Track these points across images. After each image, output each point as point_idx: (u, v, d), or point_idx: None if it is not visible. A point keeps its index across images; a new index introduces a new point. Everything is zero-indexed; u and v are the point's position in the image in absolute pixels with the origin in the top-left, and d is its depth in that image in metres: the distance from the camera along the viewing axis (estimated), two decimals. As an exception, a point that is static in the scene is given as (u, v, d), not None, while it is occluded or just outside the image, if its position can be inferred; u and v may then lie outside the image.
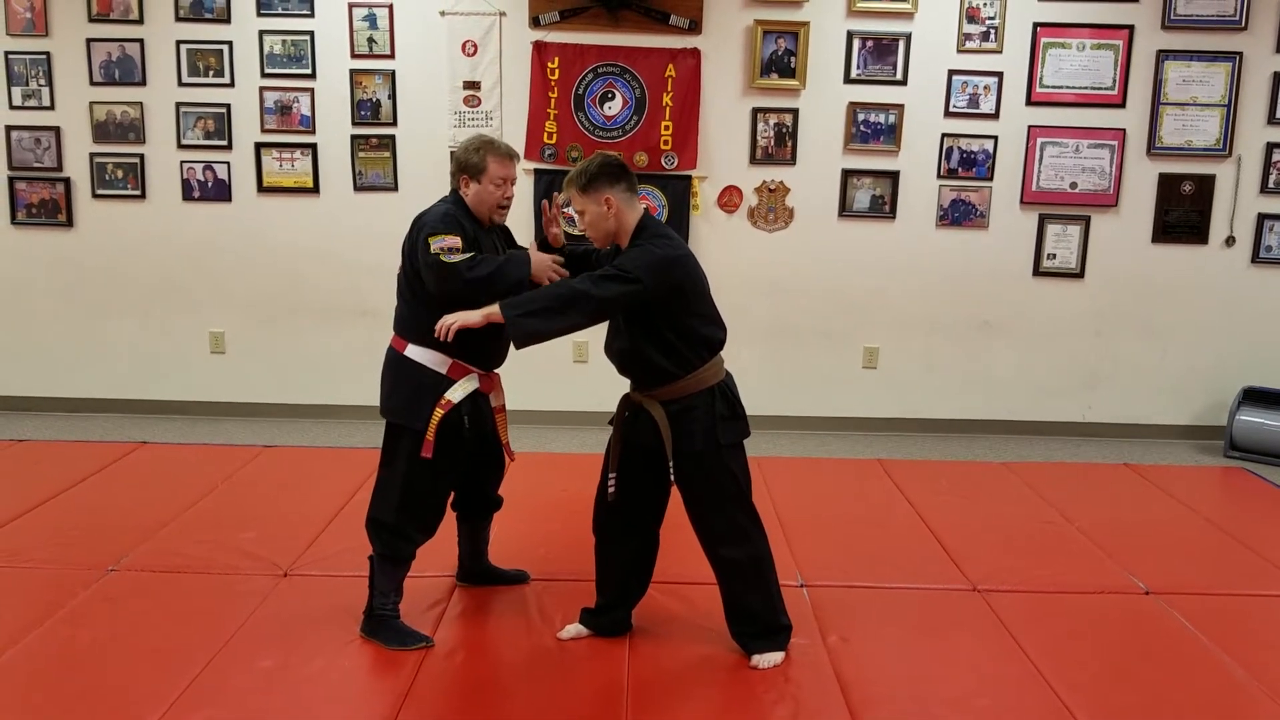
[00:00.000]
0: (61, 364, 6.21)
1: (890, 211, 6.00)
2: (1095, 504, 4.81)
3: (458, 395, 3.21)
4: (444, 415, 3.18)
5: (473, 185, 3.25)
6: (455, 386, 3.22)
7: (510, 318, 2.96)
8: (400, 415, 3.24)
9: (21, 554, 3.91)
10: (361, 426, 5.97)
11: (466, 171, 3.25)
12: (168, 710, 2.87)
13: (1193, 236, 5.99)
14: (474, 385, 3.26)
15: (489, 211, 3.28)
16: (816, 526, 4.40)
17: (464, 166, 3.25)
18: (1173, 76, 5.82)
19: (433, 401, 3.18)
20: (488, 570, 3.76)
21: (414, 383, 3.22)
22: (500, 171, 3.24)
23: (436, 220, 3.16)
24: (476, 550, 3.72)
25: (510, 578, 3.77)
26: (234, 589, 3.66)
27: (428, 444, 3.16)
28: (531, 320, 2.96)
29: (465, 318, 3.00)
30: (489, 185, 3.24)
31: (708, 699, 3.05)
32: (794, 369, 6.18)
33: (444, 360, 3.21)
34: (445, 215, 3.19)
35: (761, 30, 5.77)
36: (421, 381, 3.21)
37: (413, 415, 3.20)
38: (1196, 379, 6.16)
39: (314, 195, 5.99)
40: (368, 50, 5.83)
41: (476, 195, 3.25)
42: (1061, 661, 3.28)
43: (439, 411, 3.17)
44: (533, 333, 2.98)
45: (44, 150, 5.95)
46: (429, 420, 3.16)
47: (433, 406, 3.17)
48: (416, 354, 3.22)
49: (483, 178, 3.23)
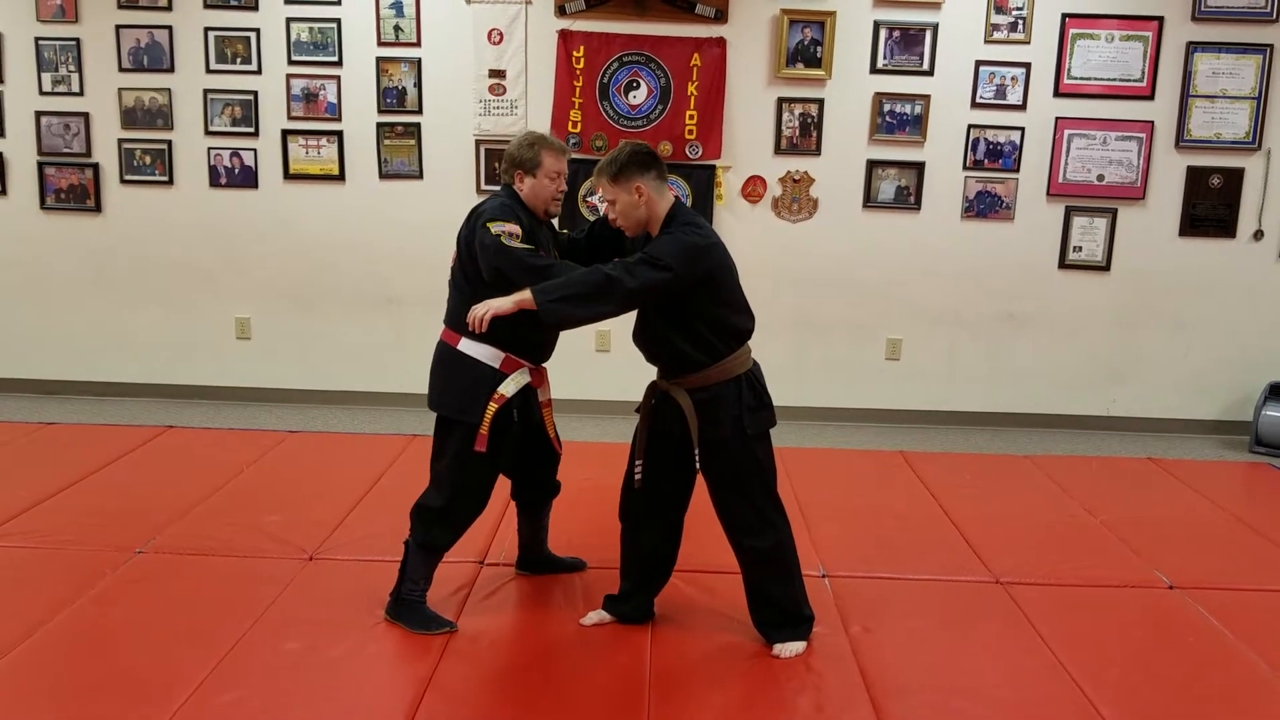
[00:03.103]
0: (89, 348, 6.27)
1: (915, 203, 5.98)
2: (1119, 498, 4.79)
3: (510, 389, 3.23)
4: (496, 409, 3.20)
5: (527, 180, 3.28)
6: (508, 380, 3.23)
7: (542, 303, 2.96)
8: (454, 410, 3.25)
9: (51, 536, 3.95)
10: (385, 413, 6.01)
11: (521, 167, 3.29)
12: (195, 691, 2.90)
13: (1220, 230, 5.95)
14: (526, 379, 3.28)
15: (544, 205, 3.32)
16: (839, 517, 4.41)
17: (518, 162, 3.29)
18: (1202, 69, 5.77)
19: (487, 396, 3.20)
20: (547, 558, 3.78)
21: (468, 377, 3.23)
22: (554, 166, 3.29)
23: (495, 209, 3.21)
24: (536, 539, 3.74)
25: (568, 565, 3.79)
26: (260, 572, 3.69)
27: (481, 438, 3.18)
28: (563, 306, 2.97)
29: (497, 305, 3.00)
30: (544, 179, 3.28)
31: (729, 687, 3.05)
32: (817, 360, 6.17)
33: (497, 355, 3.23)
34: (504, 206, 3.24)
35: (788, 20, 5.76)
36: (476, 376, 3.22)
37: (467, 409, 3.21)
38: (1222, 374, 6.12)
39: (340, 182, 6.02)
40: (394, 38, 5.85)
41: (532, 189, 3.29)
42: (1084, 655, 3.27)
43: (493, 406, 3.19)
44: (565, 318, 2.99)
45: (73, 136, 6.00)
46: (483, 414, 3.18)
47: (486, 401, 3.19)
48: (470, 348, 3.23)
49: (538, 172, 3.27)
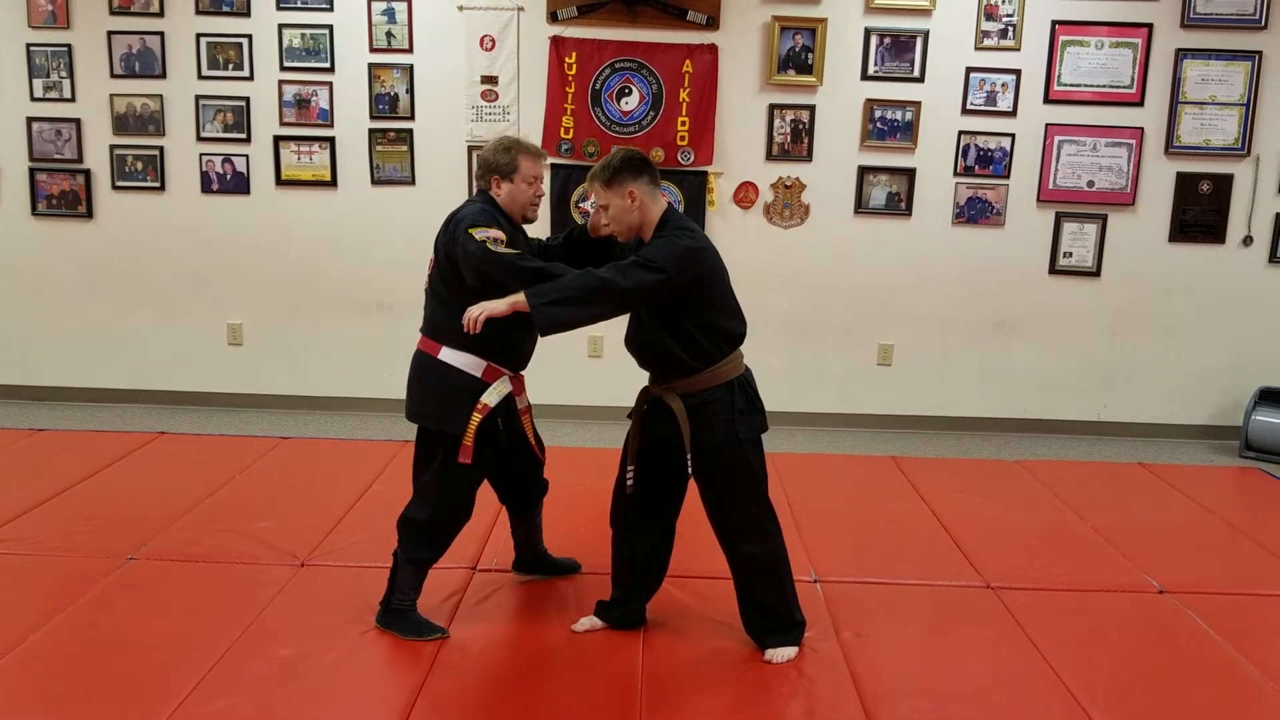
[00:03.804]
0: (81, 354, 6.26)
1: (906, 209, 6.00)
2: (1110, 503, 4.81)
3: (493, 399, 3.20)
4: (481, 420, 3.17)
5: (505, 185, 3.26)
6: (490, 390, 3.20)
7: (536, 305, 2.95)
8: (436, 421, 3.21)
9: (42, 542, 3.94)
10: (377, 419, 6.00)
11: (497, 172, 3.25)
12: (186, 698, 2.90)
13: (1210, 236, 5.97)
14: (508, 388, 3.26)
15: (521, 210, 3.30)
16: (831, 523, 4.41)
17: (494, 167, 3.26)
18: (1191, 75, 5.80)
19: (470, 406, 3.17)
20: (542, 558, 3.77)
21: (449, 387, 3.19)
22: (532, 170, 3.27)
23: (476, 215, 3.16)
24: (530, 540, 3.73)
25: (564, 567, 3.78)
26: (252, 578, 3.69)
27: (466, 449, 3.15)
28: (557, 309, 2.96)
29: (491, 307, 2.98)
30: (521, 184, 3.26)
31: (721, 693, 3.05)
32: (808, 365, 6.18)
33: (479, 363, 3.19)
34: (483, 211, 3.20)
35: (779, 26, 5.77)
36: (458, 386, 3.18)
37: (449, 420, 3.17)
38: (1212, 379, 6.14)
39: (332, 188, 6.02)
40: (386, 44, 5.85)
41: (510, 194, 3.27)
42: (1075, 659, 3.28)
43: (476, 416, 3.16)
44: (559, 321, 2.97)
45: (65, 142, 5.99)
46: (466, 425, 3.15)
47: (469, 411, 3.16)
48: (451, 357, 3.19)
49: (515, 177, 3.25)
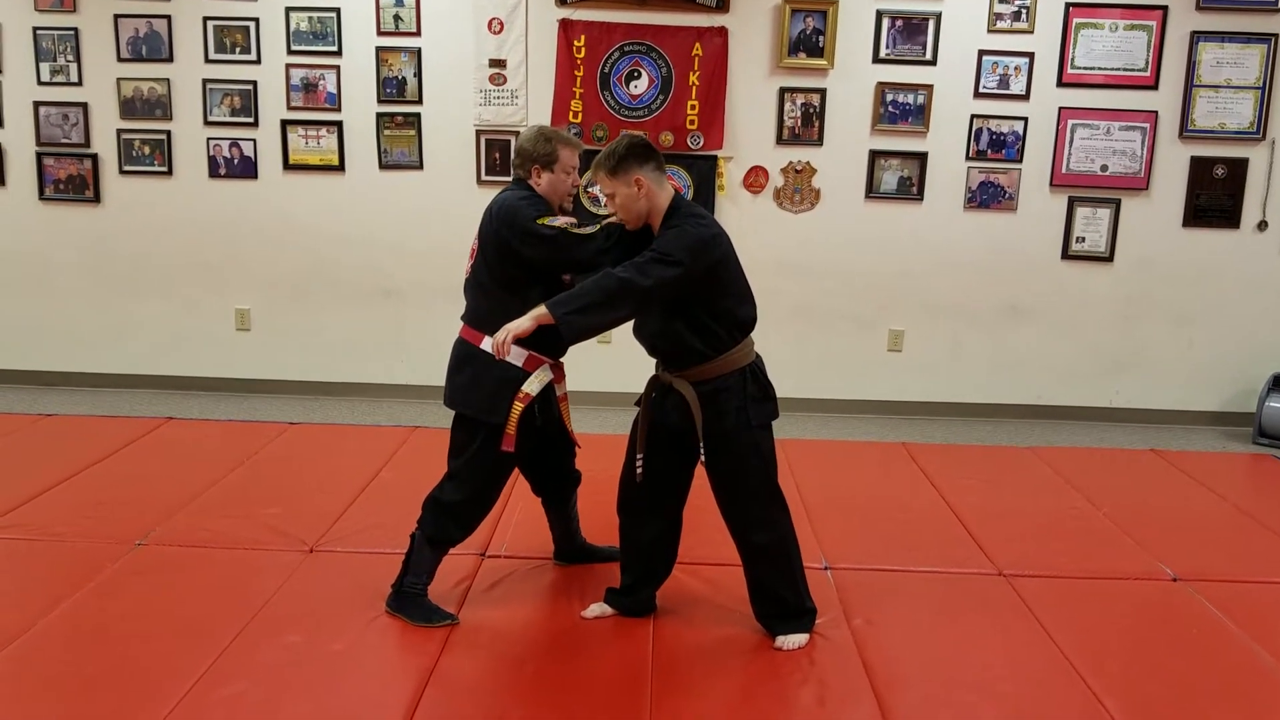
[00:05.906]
0: (88, 339, 6.25)
1: (918, 193, 5.95)
2: (1122, 490, 4.77)
3: (535, 388, 3.22)
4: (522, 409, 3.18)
5: (545, 175, 3.26)
6: (531, 379, 3.21)
7: (560, 316, 2.94)
8: (479, 410, 3.22)
9: (50, 528, 3.93)
10: (386, 404, 6.00)
11: (538, 162, 3.26)
12: (196, 683, 2.89)
13: (1224, 221, 5.92)
14: (548, 377, 3.27)
15: (560, 199, 3.31)
16: (841, 510, 4.39)
17: (535, 157, 3.26)
18: (1206, 58, 5.74)
19: (511, 395, 3.18)
20: (583, 548, 3.77)
21: (493, 377, 3.20)
22: (570, 160, 3.28)
23: (529, 205, 3.17)
24: (568, 530, 3.73)
25: (606, 555, 3.74)
26: (260, 564, 3.68)
27: (509, 438, 3.17)
28: (582, 317, 2.95)
29: (516, 327, 2.98)
30: (560, 174, 3.27)
31: (731, 680, 3.04)
32: (819, 351, 6.15)
33: (520, 353, 3.19)
34: (534, 200, 3.21)
35: (790, 9, 5.72)
36: (502, 376, 3.19)
37: (492, 410, 3.19)
38: (1225, 365, 6.10)
39: (339, 173, 6.00)
40: (394, 28, 5.82)
41: (550, 184, 3.27)
42: (1088, 647, 3.25)
43: (518, 405, 3.18)
44: (585, 329, 2.97)
45: (72, 126, 5.97)
46: (507, 414, 3.17)
47: (510, 400, 3.18)
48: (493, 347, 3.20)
49: (555, 166, 3.26)
